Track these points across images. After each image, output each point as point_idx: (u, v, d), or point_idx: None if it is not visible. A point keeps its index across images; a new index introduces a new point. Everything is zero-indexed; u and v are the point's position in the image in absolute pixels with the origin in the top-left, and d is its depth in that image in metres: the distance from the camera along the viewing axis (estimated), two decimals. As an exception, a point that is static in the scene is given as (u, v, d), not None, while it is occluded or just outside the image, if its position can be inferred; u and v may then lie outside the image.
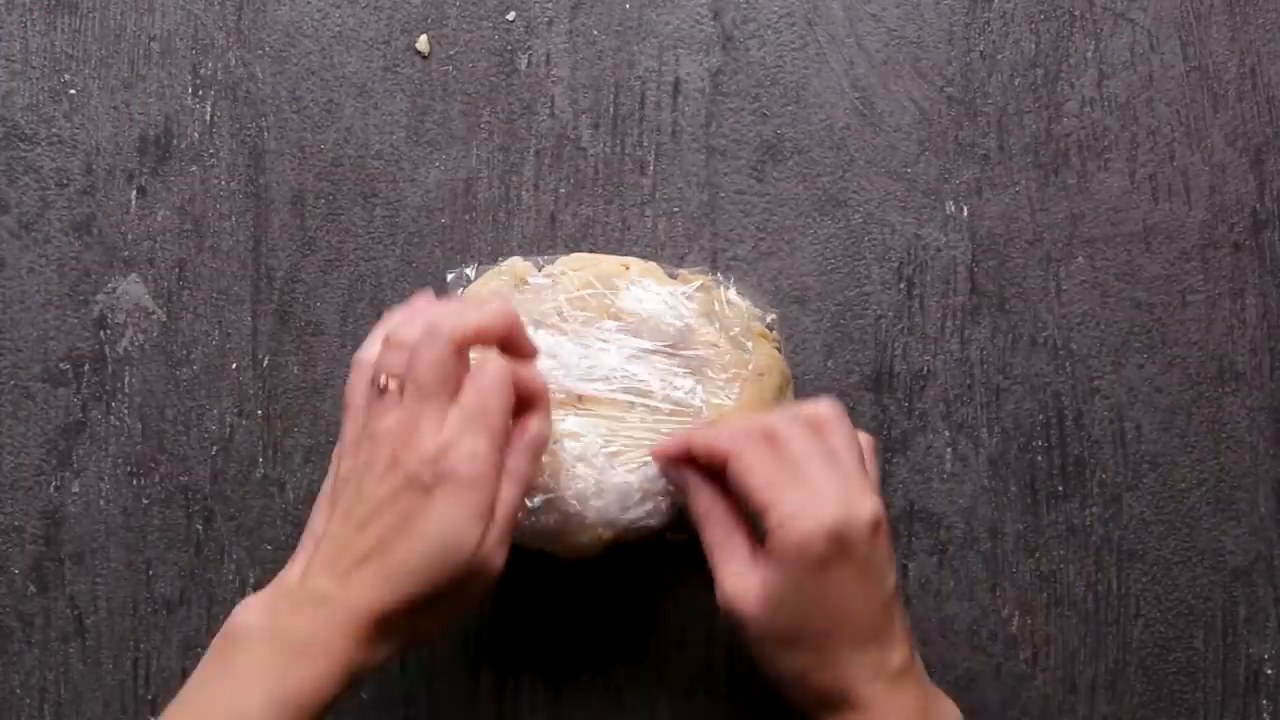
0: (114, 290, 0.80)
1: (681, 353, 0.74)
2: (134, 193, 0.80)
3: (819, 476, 0.65)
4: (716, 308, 0.75)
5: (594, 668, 0.79)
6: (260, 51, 0.80)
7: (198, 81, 0.80)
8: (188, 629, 0.79)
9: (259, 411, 0.80)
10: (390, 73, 0.80)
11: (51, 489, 0.79)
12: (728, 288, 0.77)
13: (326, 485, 0.65)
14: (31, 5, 0.80)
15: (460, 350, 0.63)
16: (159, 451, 0.79)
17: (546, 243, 0.80)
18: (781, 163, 0.80)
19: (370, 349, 0.66)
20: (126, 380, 0.79)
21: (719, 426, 0.70)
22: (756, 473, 0.65)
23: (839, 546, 0.64)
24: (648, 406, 0.73)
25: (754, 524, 0.67)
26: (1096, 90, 0.80)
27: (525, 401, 0.66)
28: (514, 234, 0.80)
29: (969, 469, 0.80)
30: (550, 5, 0.81)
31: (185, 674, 0.79)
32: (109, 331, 0.80)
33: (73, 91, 0.80)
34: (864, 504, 0.65)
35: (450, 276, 0.77)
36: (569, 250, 0.79)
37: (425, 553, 0.62)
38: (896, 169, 0.80)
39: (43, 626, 0.79)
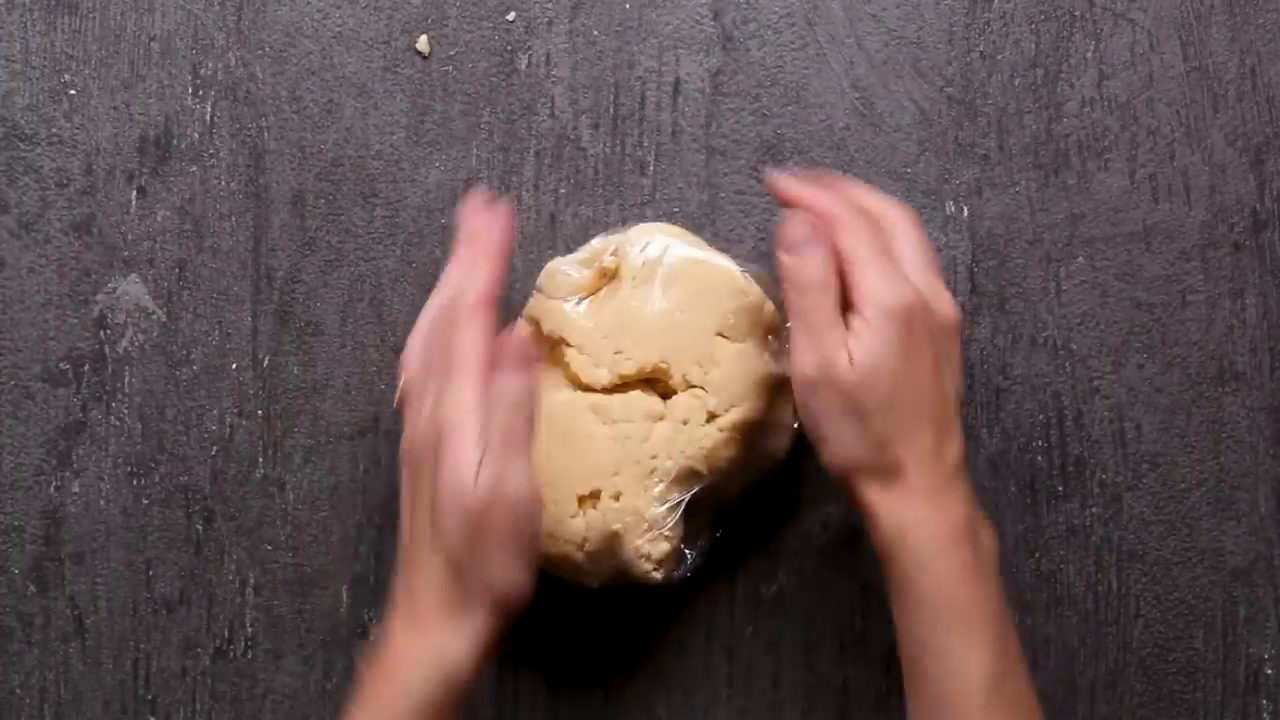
0: (114, 290, 0.80)
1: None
2: (134, 193, 0.80)
3: (913, 267, 0.69)
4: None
5: (593, 669, 0.79)
6: (260, 51, 0.80)
7: (198, 81, 0.80)
8: (188, 629, 0.79)
9: (259, 411, 0.80)
10: (390, 73, 0.80)
11: (51, 489, 0.79)
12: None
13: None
14: (31, 5, 0.80)
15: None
16: (159, 451, 0.79)
17: (546, 243, 0.80)
18: (781, 163, 0.80)
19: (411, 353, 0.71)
20: (126, 380, 0.80)
21: (830, 195, 0.71)
22: (861, 246, 0.68)
23: (922, 327, 0.67)
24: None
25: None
26: (1096, 90, 0.80)
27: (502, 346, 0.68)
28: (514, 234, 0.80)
29: (969, 469, 0.80)
30: (550, 5, 0.81)
31: (185, 674, 0.79)
32: (109, 331, 0.80)
33: (73, 91, 0.80)
34: (948, 304, 0.69)
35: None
36: (569, 249, 0.79)
37: (443, 506, 0.65)
38: (896, 169, 0.80)
39: (43, 626, 0.79)
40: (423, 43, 0.80)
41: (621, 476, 0.72)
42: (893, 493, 0.67)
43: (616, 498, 0.72)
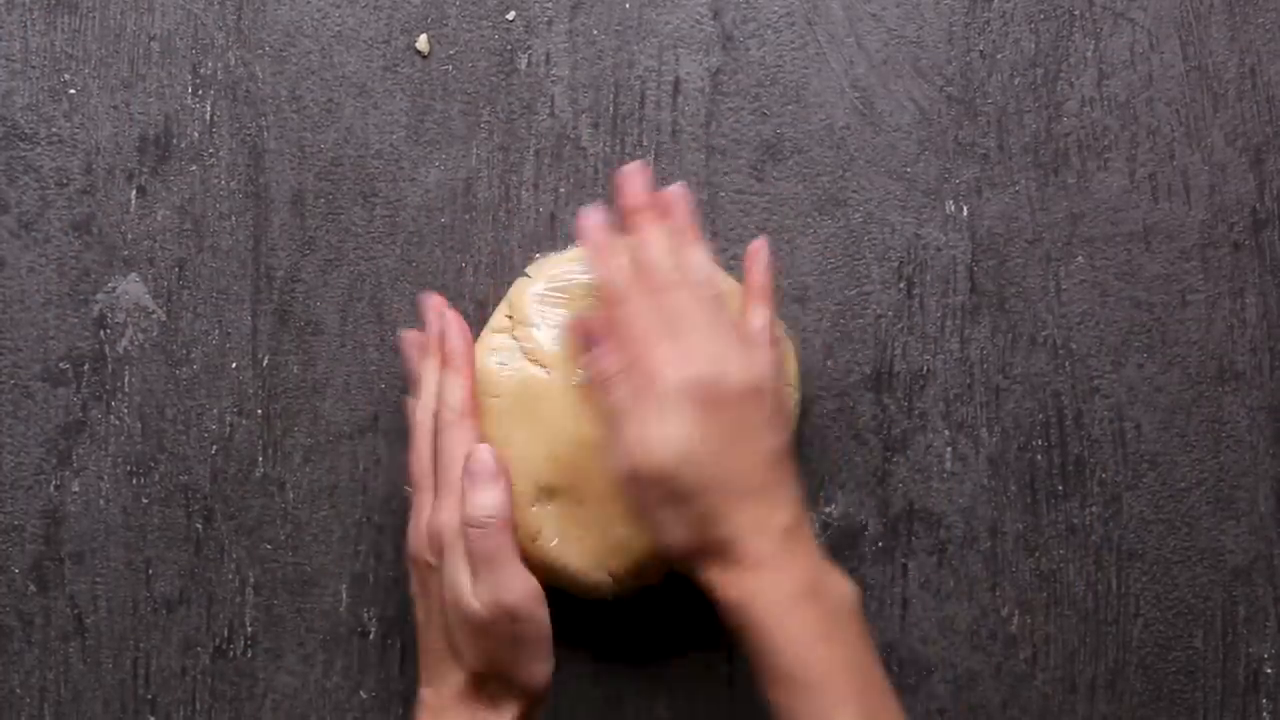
0: (114, 290, 0.80)
1: None
2: (134, 192, 0.80)
3: (694, 333, 0.68)
4: None
5: (593, 669, 0.79)
6: (260, 51, 0.80)
7: (198, 81, 0.80)
8: (188, 629, 0.79)
9: (259, 411, 0.80)
10: (390, 73, 0.80)
11: (51, 489, 0.79)
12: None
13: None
14: (31, 5, 0.80)
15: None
16: (159, 451, 0.79)
17: (547, 243, 0.80)
18: (781, 163, 0.80)
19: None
20: (126, 380, 0.80)
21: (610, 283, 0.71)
22: (641, 322, 0.68)
23: (711, 400, 0.66)
24: None
25: None
26: (1096, 90, 0.81)
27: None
28: (514, 234, 0.80)
29: (969, 468, 0.80)
30: (550, 5, 0.81)
31: (185, 673, 0.79)
32: (109, 331, 0.80)
33: (73, 91, 0.80)
34: (739, 364, 0.67)
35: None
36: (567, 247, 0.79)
37: (453, 627, 0.70)
38: (896, 169, 0.80)
39: (43, 626, 0.79)
40: (422, 42, 0.80)
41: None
42: (729, 570, 0.66)
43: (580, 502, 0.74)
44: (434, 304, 0.76)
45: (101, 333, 0.80)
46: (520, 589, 0.68)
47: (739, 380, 0.67)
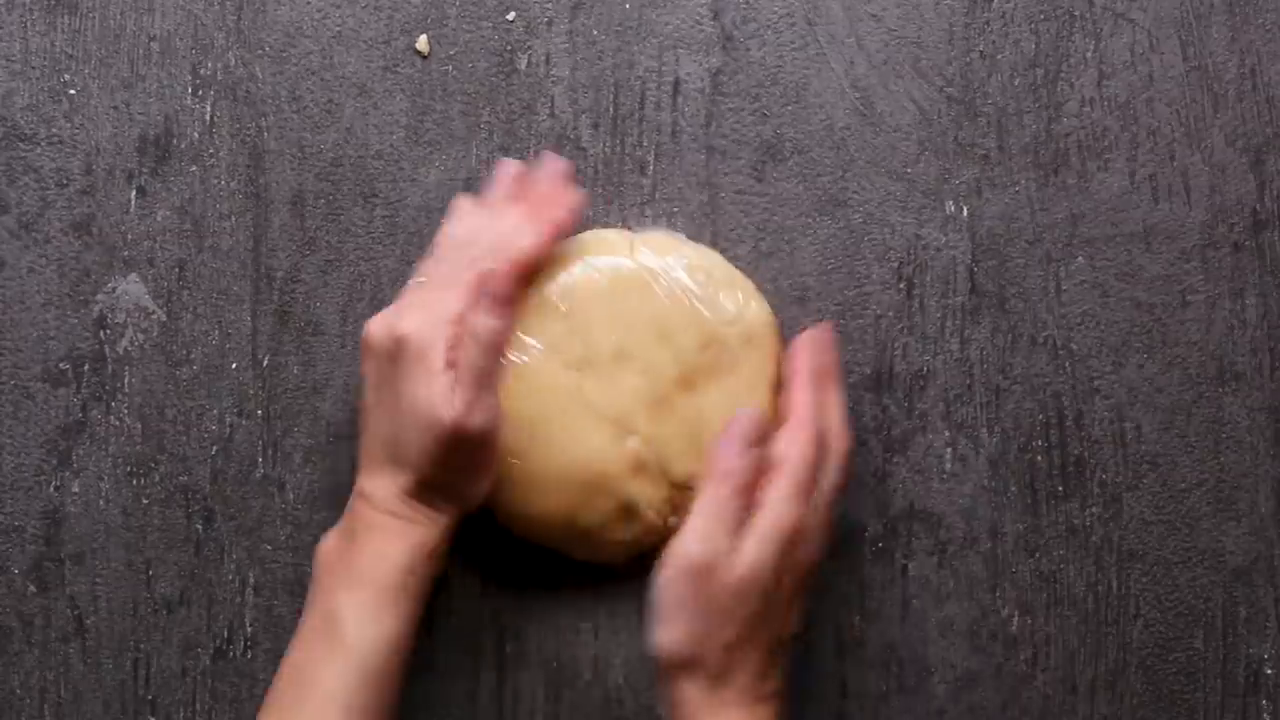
0: (114, 290, 0.80)
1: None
2: (134, 193, 0.80)
3: (821, 498, 0.71)
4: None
5: (594, 669, 0.79)
6: (260, 51, 0.80)
7: (198, 81, 0.80)
8: (188, 629, 0.79)
9: (259, 411, 0.80)
10: (390, 73, 0.80)
11: (51, 489, 0.79)
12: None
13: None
14: (31, 5, 0.80)
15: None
16: (159, 451, 0.79)
17: (546, 243, 0.80)
18: (781, 163, 0.80)
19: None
20: (126, 380, 0.80)
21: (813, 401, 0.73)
22: (798, 459, 0.71)
23: (801, 555, 0.70)
24: None
25: None
26: (1096, 90, 0.80)
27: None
28: (514, 234, 0.80)
29: (969, 469, 0.80)
30: (550, 5, 0.81)
31: (185, 674, 0.79)
32: (109, 331, 0.80)
33: (73, 91, 0.80)
34: (820, 544, 0.72)
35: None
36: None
37: (411, 430, 0.70)
38: (896, 169, 0.80)
39: (43, 626, 0.79)
40: (422, 43, 0.80)
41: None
42: (713, 697, 0.68)
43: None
44: (559, 168, 0.76)
45: (101, 333, 0.80)
46: (489, 418, 0.71)
47: (813, 554, 0.72)
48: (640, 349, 0.74)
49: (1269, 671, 0.79)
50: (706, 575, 0.68)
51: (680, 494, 0.74)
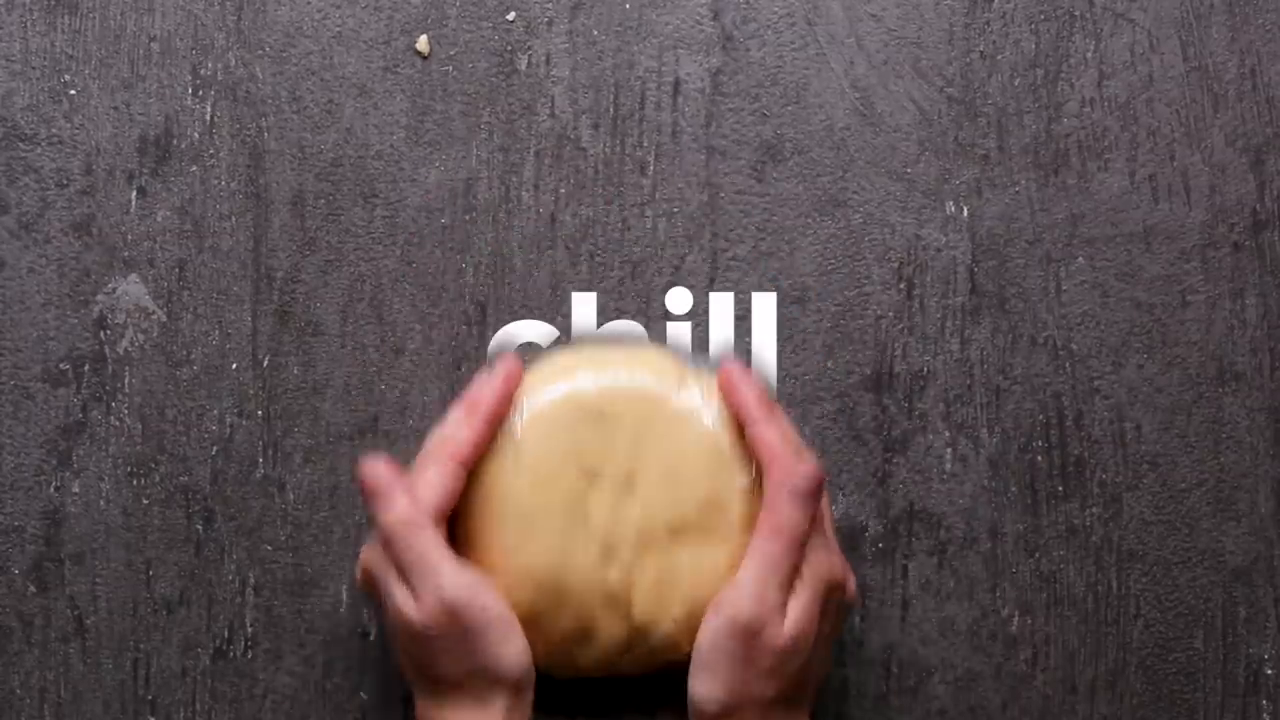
0: (114, 290, 0.80)
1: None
2: (134, 193, 0.80)
3: (830, 538, 0.72)
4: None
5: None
6: (260, 51, 0.80)
7: (198, 81, 0.80)
8: (188, 629, 0.79)
9: (259, 411, 0.80)
10: (390, 73, 0.80)
11: (51, 489, 0.79)
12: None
13: None
14: (31, 5, 0.80)
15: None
16: (159, 451, 0.79)
17: (546, 243, 0.80)
18: (781, 163, 0.80)
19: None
20: (126, 380, 0.80)
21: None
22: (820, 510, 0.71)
23: (837, 604, 0.72)
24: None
25: None
26: (1096, 90, 0.81)
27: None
28: (514, 234, 0.80)
29: (969, 469, 0.80)
30: (550, 5, 0.81)
31: (185, 674, 0.79)
32: (109, 331, 0.80)
33: (73, 91, 0.80)
34: (854, 582, 0.73)
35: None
36: (569, 249, 0.79)
37: (402, 647, 0.72)
38: (896, 169, 0.80)
39: (43, 626, 0.79)
40: (423, 43, 0.80)
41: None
42: None
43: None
44: (505, 363, 0.74)
45: (102, 333, 0.80)
46: (455, 582, 0.68)
47: (851, 593, 0.73)
48: (648, 483, 0.73)
49: (1269, 671, 0.79)
50: (755, 634, 0.68)
51: (637, 636, 0.73)
